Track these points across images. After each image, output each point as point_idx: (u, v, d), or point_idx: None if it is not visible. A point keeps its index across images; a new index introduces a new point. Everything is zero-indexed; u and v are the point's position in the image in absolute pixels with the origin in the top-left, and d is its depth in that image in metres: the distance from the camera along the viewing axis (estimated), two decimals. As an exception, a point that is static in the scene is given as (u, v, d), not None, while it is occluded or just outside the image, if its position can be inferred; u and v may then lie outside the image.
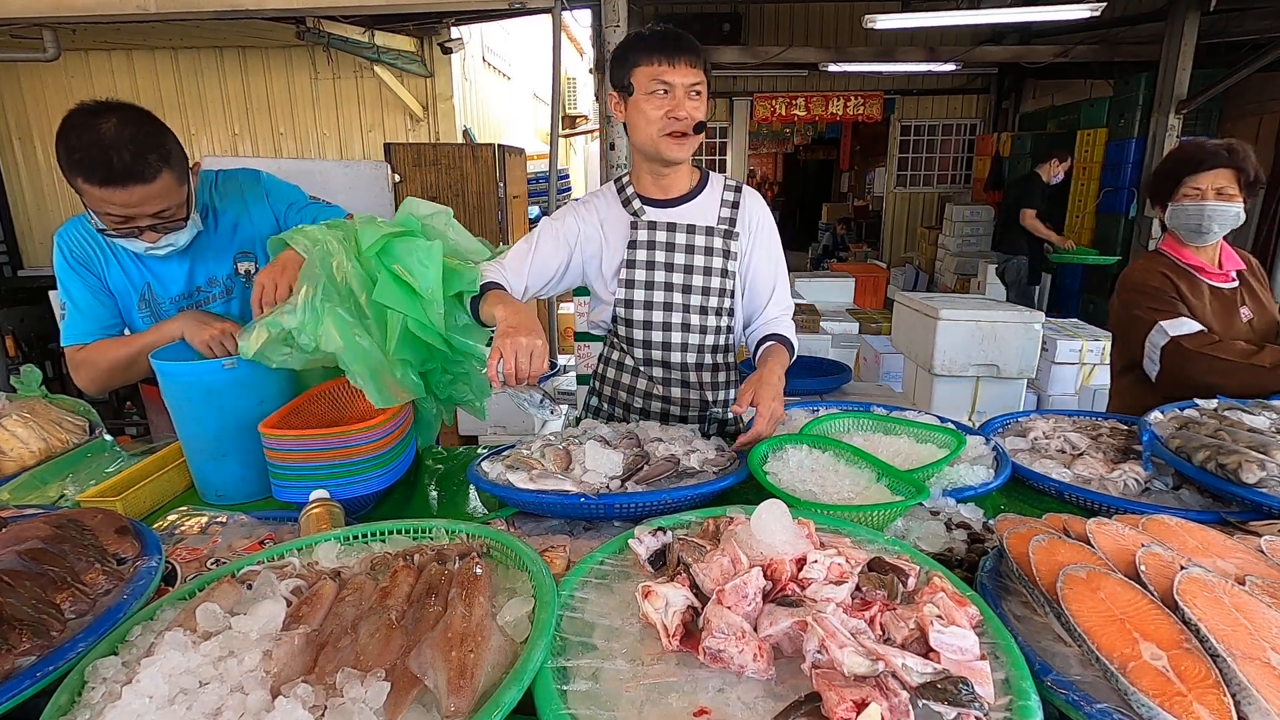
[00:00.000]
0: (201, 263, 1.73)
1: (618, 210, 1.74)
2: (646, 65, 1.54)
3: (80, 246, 1.66)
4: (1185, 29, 6.04)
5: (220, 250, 1.74)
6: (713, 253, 1.72)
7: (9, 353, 5.20)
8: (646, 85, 1.55)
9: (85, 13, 4.34)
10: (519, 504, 1.30)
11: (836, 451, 1.41)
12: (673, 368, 1.76)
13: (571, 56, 11.10)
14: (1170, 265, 2.02)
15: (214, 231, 1.74)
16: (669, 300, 1.71)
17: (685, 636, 0.79)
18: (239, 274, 1.76)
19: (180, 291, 1.73)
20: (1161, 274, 2.00)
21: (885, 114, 9.86)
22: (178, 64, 6.48)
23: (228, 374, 1.44)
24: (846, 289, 5.96)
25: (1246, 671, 0.70)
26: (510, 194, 4.66)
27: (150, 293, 1.72)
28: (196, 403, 1.44)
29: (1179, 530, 1.00)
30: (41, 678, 0.77)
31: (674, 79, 1.53)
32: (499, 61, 8.14)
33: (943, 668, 0.69)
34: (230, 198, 1.77)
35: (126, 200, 1.43)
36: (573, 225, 1.72)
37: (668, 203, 1.73)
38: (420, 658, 0.73)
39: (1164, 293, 1.97)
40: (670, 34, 1.55)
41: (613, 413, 1.87)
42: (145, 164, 1.41)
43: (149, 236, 1.54)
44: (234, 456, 1.46)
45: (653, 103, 1.55)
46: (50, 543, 0.97)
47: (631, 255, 1.70)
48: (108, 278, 1.69)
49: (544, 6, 4.58)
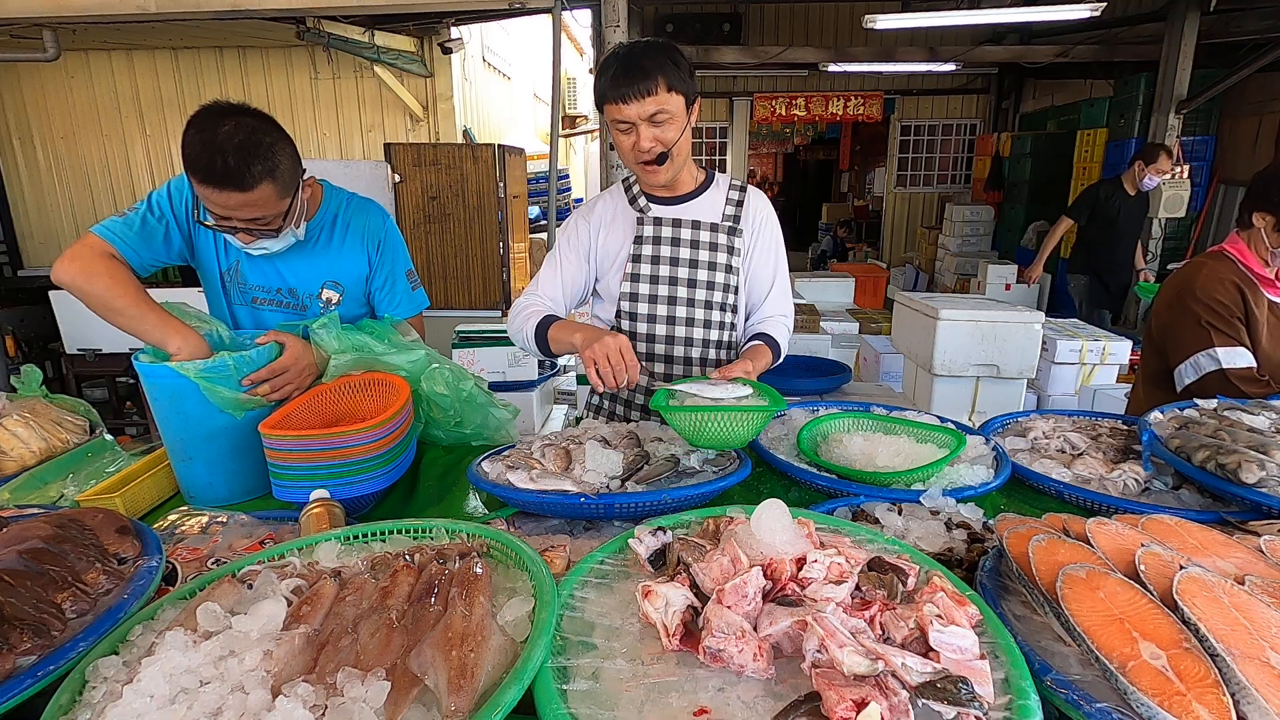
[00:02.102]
0: (295, 269, 1.76)
1: (624, 207, 1.79)
2: (608, 104, 1.59)
3: (189, 198, 1.66)
4: (1185, 29, 6.04)
5: (317, 269, 1.77)
6: (717, 249, 1.75)
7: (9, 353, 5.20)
8: (611, 123, 1.62)
9: (85, 13, 4.35)
10: (519, 504, 1.30)
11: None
12: (675, 362, 1.78)
13: (571, 56, 11.10)
14: (1239, 273, 1.90)
15: (324, 246, 1.77)
16: (673, 294, 1.75)
17: (685, 636, 0.79)
18: (320, 298, 1.79)
19: (261, 284, 1.77)
20: (1234, 285, 1.88)
21: (885, 114, 9.87)
22: (178, 64, 6.48)
23: (191, 379, 1.41)
24: (846, 289, 5.95)
25: (1246, 671, 0.70)
26: (510, 194, 4.66)
27: (238, 271, 1.74)
28: (163, 404, 1.44)
29: (1178, 530, 1.00)
30: (42, 677, 0.77)
31: (630, 114, 1.56)
32: (499, 61, 8.15)
33: (942, 667, 0.69)
34: (353, 222, 1.80)
35: (224, 203, 1.47)
36: (584, 233, 1.79)
37: (673, 200, 1.77)
38: (420, 657, 0.73)
39: (1232, 311, 1.85)
40: (622, 67, 1.55)
41: (614, 410, 1.88)
42: (247, 173, 1.45)
43: (242, 238, 1.59)
44: (199, 461, 1.45)
45: (620, 137, 1.63)
46: (51, 542, 0.97)
47: (637, 250, 1.74)
48: (195, 238, 1.71)
49: (544, 6, 4.59)
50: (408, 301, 1.90)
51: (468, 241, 4.63)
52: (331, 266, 1.79)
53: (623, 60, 1.56)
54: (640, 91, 1.54)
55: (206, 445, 1.44)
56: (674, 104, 1.57)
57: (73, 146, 6.70)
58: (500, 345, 3.86)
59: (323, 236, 1.77)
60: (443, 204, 4.56)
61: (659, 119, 1.57)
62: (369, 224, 1.82)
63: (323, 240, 1.77)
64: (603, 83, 1.59)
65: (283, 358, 1.54)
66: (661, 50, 1.57)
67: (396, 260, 1.87)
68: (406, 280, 1.90)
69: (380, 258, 1.84)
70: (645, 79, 1.53)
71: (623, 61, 1.56)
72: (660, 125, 1.58)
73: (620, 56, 1.57)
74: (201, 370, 1.40)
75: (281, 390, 1.53)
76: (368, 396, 1.61)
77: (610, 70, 1.57)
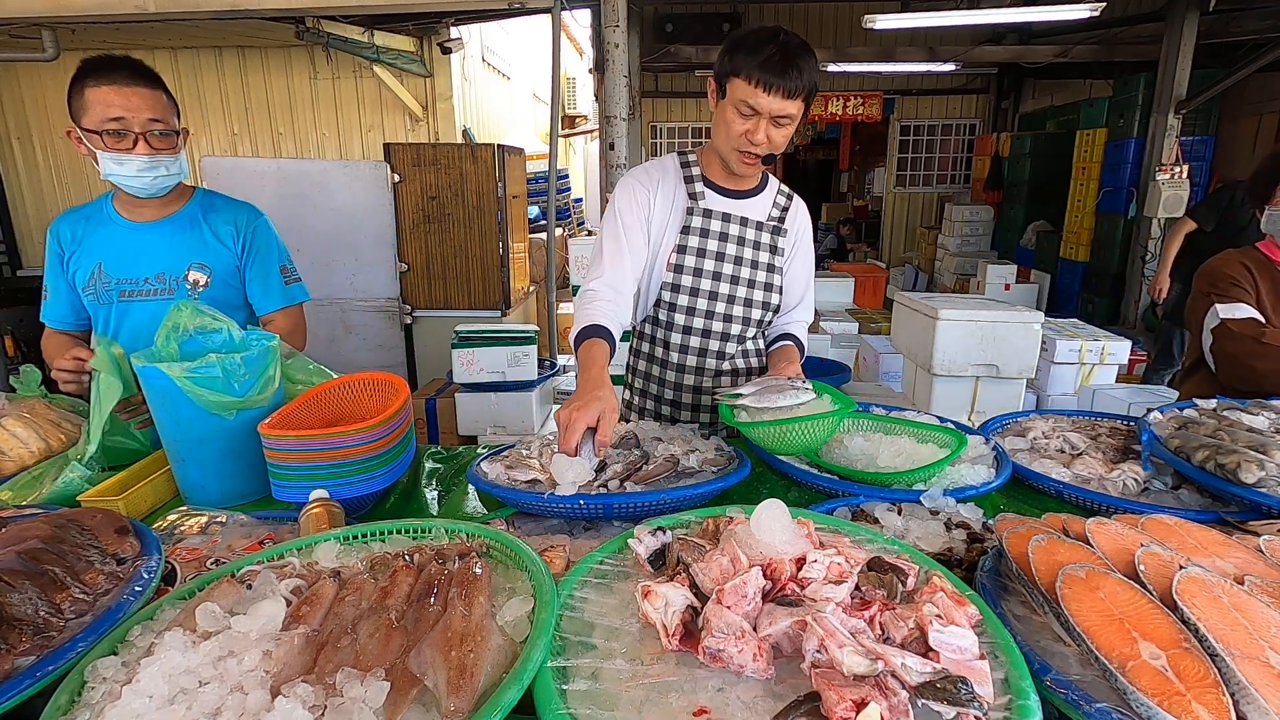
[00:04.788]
0: (162, 251, 1.79)
1: (679, 187, 1.72)
2: (745, 83, 1.48)
3: (54, 238, 1.78)
4: (1185, 29, 6.04)
5: (177, 251, 1.81)
6: (761, 247, 1.74)
7: (9, 353, 5.20)
8: (734, 99, 1.52)
9: (85, 13, 4.35)
10: (519, 504, 1.30)
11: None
12: (709, 355, 1.77)
13: (571, 56, 11.10)
14: (1257, 258, 1.96)
15: (192, 230, 1.82)
16: (715, 290, 1.72)
17: (685, 636, 0.79)
18: (187, 279, 1.81)
19: (126, 276, 1.78)
20: (1241, 263, 1.94)
21: (885, 114, 9.87)
22: (177, 64, 6.47)
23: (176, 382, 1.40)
24: (846, 289, 5.95)
25: (1245, 671, 0.70)
26: (510, 194, 4.66)
27: (100, 272, 1.76)
28: (156, 404, 1.43)
29: (1178, 530, 1.00)
30: (41, 677, 0.77)
31: (763, 105, 1.49)
32: (499, 61, 8.15)
33: (942, 667, 0.69)
34: (221, 213, 1.87)
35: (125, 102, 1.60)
36: (644, 197, 1.70)
37: (734, 193, 1.73)
38: (420, 657, 0.73)
39: (1232, 279, 1.91)
40: (780, 56, 1.46)
41: (644, 406, 1.87)
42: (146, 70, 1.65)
43: (141, 148, 1.64)
44: (191, 463, 1.45)
45: (735, 118, 1.54)
46: (50, 543, 0.97)
47: (684, 241, 1.70)
48: (69, 262, 1.78)
49: (544, 6, 4.59)
50: (282, 294, 1.94)
51: (467, 241, 4.63)
52: (198, 250, 1.83)
53: (781, 49, 1.46)
54: (788, 90, 1.47)
55: (199, 448, 1.43)
56: (799, 112, 1.53)
57: (72, 146, 6.68)
58: (500, 345, 3.86)
59: (189, 222, 1.83)
60: (442, 204, 4.55)
61: (783, 121, 1.52)
62: (237, 217, 1.89)
63: (191, 225, 1.83)
64: (747, 60, 1.47)
65: None
66: (812, 55, 1.50)
67: (270, 253, 1.93)
68: (280, 274, 1.95)
69: (251, 250, 1.89)
70: (798, 79, 1.46)
71: (781, 50, 1.46)
72: (780, 127, 1.54)
73: (779, 43, 1.47)
74: (188, 372, 1.39)
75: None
76: (368, 396, 1.61)
77: (764, 52, 1.46)
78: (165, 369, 1.37)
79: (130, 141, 1.63)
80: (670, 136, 10.27)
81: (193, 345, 1.55)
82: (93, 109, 1.60)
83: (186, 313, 1.55)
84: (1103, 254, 7.15)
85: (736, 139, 1.56)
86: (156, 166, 1.68)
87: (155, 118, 1.64)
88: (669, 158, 1.76)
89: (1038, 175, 8.33)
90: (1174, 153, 6.30)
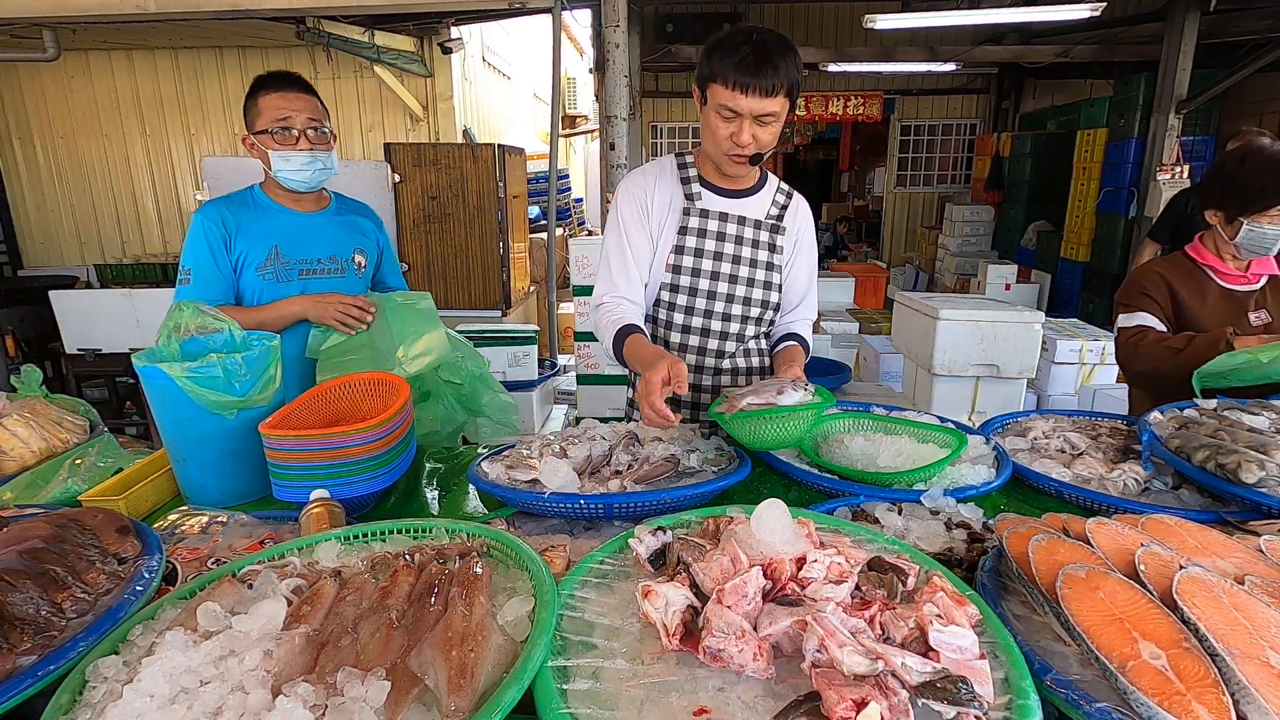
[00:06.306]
0: (332, 238, 2.02)
1: (675, 188, 1.72)
2: (723, 87, 1.48)
3: (215, 222, 1.88)
4: (1185, 29, 6.04)
5: (341, 238, 2.05)
6: (760, 246, 1.74)
7: (9, 353, 5.19)
8: (715, 104, 1.52)
9: (85, 13, 4.35)
10: (519, 504, 1.30)
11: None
12: (708, 354, 1.77)
13: (571, 56, 11.09)
14: (1179, 265, 1.97)
15: (337, 218, 2.07)
16: (714, 289, 1.72)
17: (685, 636, 0.79)
18: (353, 261, 2.07)
19: (303, 257, 1.97)
20: (1156, 273, 1.98)
21: (885, 114, 9.86)
22: (178, 64, 6.48)
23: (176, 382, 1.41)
24: (846, 289, 5.96)
25: (1245, 671, 0.70)
26: (510, 194, 4.65)
27: (277, 253, 1.92)
28: (158, 404, 1.44)
29: (1178, 530, 1.00)
30: (42, 677, 0.77)
31: (743, 107, 1.48)
32: (499, 61, 8.15)
33: (942, 667, 0.69)
34: (357, 211, 2.15)
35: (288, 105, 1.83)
36: (643, 198, 1.71)
37: (730, 193, 1.73)
38: (420, 657, 0.73)
39: (1142, 288, 1.97)
40: (754, 56, 1.44)
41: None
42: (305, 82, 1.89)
43: (303, 144, 1.85)
44: (192, 463, 1.45)
45: (719, 122, 1.53)
46: (51, 542, 0.97)
47: (682, 241, 1.70)
48: (234, 244, 1.89)
49: (544, 6, 4.59)
50: (402, 281, 2.30)
51: (468, 242, 4.62)
52: (356, 238, 2.10)
53: (756, 49, 1.44)
54: (765, 89, 1.45)
55: (199, 447, 1.43)
56: (783, 108, 1.52)
57: (72, 146, 6.70)
58: (500, 345, 3.86)
59: (340, 215, 2.08)
60: (442, 204, 4.55)
61: (766, 120, 1.51)
62: (370, 216, 2.19)
63: (344, 219, 2.09)
64: (723, 63, 1.46)
65: (316, 297, 1.90)
66: (790, 50, 1.48)
67: (389, 246, 2.26)
68: (398, 263, 2.30)
69: (384, 241, 2.21)
70: (775, 77, 1.45)
71: (756, 50, 1.44)
72: (765, 126, 1.52)
73: (753, 43, 1.45)
74: (188, 372, 1.39)
75: (350, 321, 1.88)
76: (368, 396, 1.61)
77: (738, 54, 1.44)
78: (166, 369, 1.37)
79: (294, 138, 1.84)
80: (671, 136, 10.27)
81: (193, 345, 1.55)
82: (265, 114, 1.83)
83: (187, 313, 1.55)
84: (1103, 254, 7.15)
85: (723, 142, 1.56)
86: (315, 161, 1.88)
87: (313, 118, 1.87)
88: (666, 159, 1.76)
89: (1038, 175, 8.33)
90: (1174, 153, 6.29)
